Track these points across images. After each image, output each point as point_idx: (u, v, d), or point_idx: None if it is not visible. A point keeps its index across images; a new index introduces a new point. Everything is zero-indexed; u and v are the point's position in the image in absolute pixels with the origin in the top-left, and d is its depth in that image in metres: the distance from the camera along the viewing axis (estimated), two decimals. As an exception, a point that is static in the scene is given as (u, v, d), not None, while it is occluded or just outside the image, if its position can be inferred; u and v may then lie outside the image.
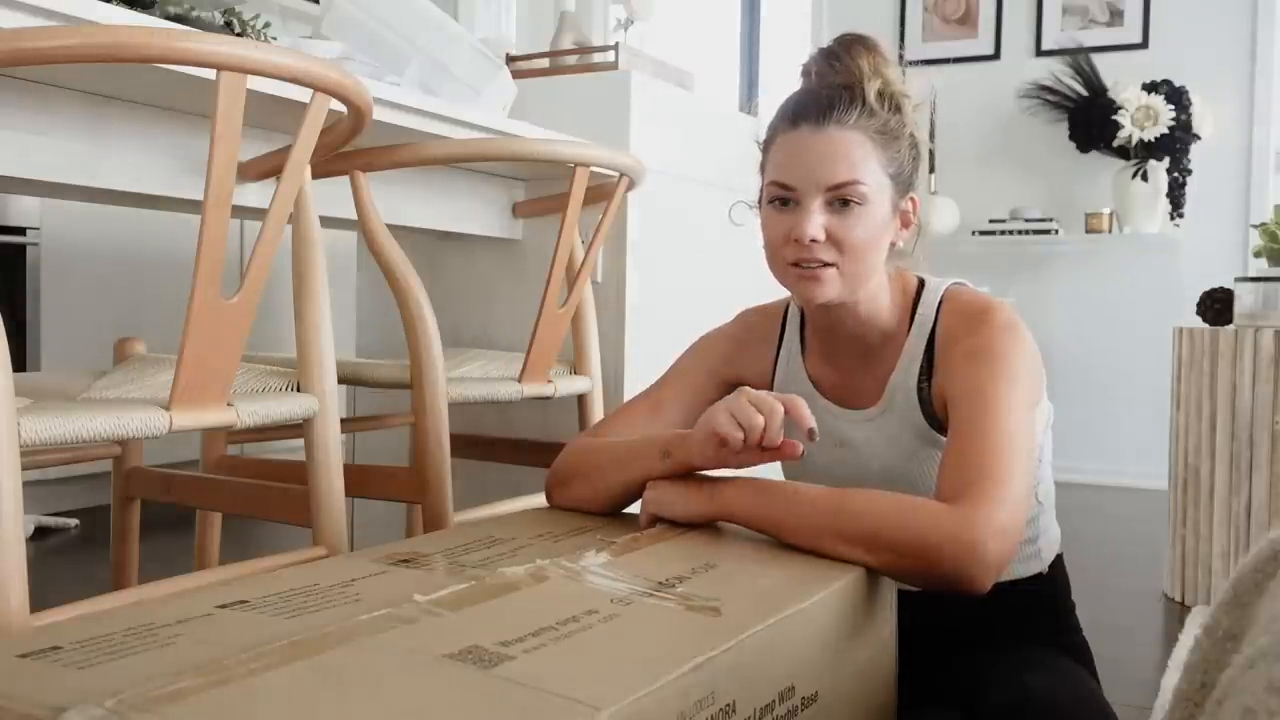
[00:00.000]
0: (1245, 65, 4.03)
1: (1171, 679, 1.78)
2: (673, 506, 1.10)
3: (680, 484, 1.11)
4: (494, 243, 2.18)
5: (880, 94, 1.13)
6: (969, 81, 4.32)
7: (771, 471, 1.18)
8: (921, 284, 1.21)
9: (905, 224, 1.18)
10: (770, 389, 1.29)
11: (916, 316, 1.18)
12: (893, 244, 1.17)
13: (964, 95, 4.29)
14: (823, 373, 1.25)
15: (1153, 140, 3.87)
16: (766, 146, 1.18)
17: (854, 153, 1.11)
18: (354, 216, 1.65)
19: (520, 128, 1.87)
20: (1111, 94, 3.99)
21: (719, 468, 1.09)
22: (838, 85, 1.14)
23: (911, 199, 1.18)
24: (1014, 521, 0.99)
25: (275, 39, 1.74)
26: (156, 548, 2.37)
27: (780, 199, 1.13)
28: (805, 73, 1.20)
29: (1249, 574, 0.58)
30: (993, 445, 1.02)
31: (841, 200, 1.11)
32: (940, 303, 1.18)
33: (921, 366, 1.16)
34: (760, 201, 1.19)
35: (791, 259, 1.13)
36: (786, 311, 1.31)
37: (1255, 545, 0.59)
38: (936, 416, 1.15)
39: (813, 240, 1.10)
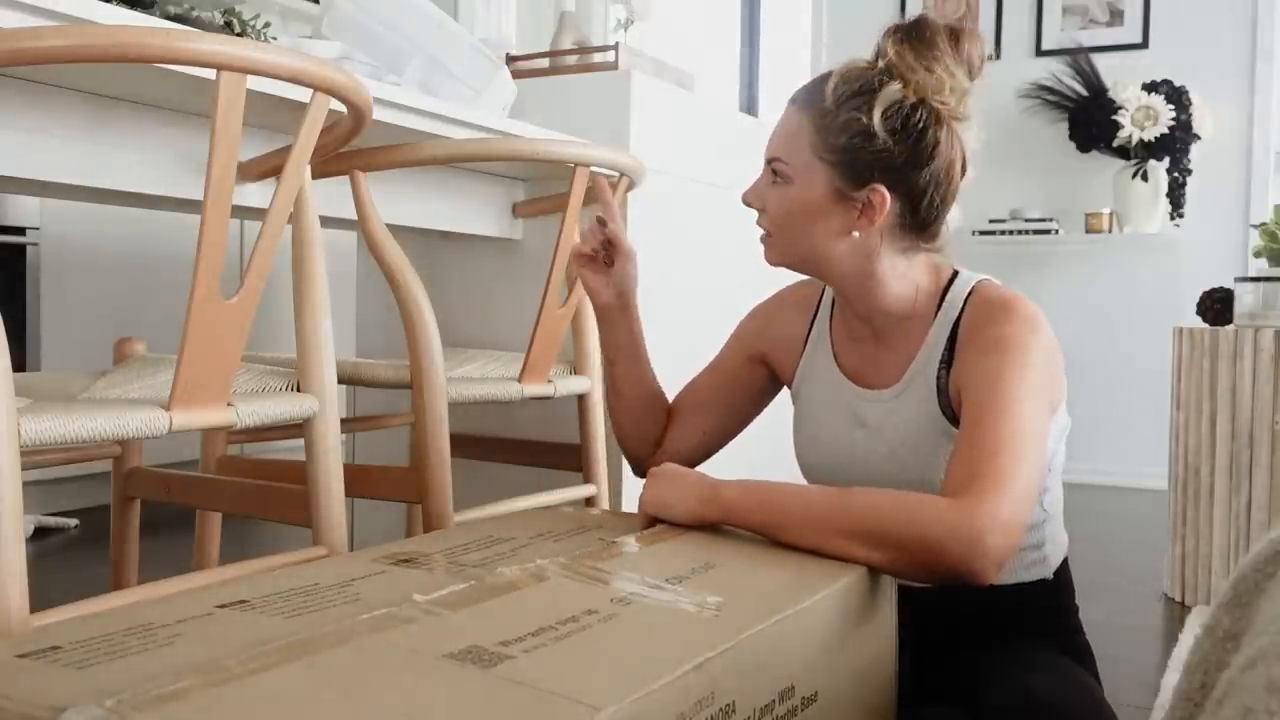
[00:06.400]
0: (1245, 65, 4.03)
1: (1171, 679, 1.78)
2: (672, 509, 1.10)
3: (679, 486, 1.11)
4: (494, 243, 2.18)
5: (851, 91, 1.14)
6: (969, 81, 4.31)
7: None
8: (955, 275, 1.21)
9: (867, 217, 1.14)
10: (800, 356, 1.32)
11: (944, 305, 1.19)
12: (851, 233, 1.15)
13: (964, 95, 4.28)
14: (847, 351, 1.26)
15: (1153, 140, 3.87)
16: None
17: (789, 131, 1.17)
18: (354, 216, 1.65)
19: (520, 128, 1.87)
20: (1111, 94, 3.99)
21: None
22: (851, 66, 1.17)
23: (875, 192, 1.13)
24: (1018, 515, 0.99)
25: (275, 39, 1.74)
26: (156, 548, 2.37)
27: None
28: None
29: (1249, 574, 0.58)
30: (1001, 437, 1.02)
31: (774, 172, 1.19)
32: (969, 295, 1.18)
33: (942, 355, 1.17)
34: None
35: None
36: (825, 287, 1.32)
37: (1255, 545, 0.59)
38: (951, 408, 1.15)
39: (747, 204, 1.22)
